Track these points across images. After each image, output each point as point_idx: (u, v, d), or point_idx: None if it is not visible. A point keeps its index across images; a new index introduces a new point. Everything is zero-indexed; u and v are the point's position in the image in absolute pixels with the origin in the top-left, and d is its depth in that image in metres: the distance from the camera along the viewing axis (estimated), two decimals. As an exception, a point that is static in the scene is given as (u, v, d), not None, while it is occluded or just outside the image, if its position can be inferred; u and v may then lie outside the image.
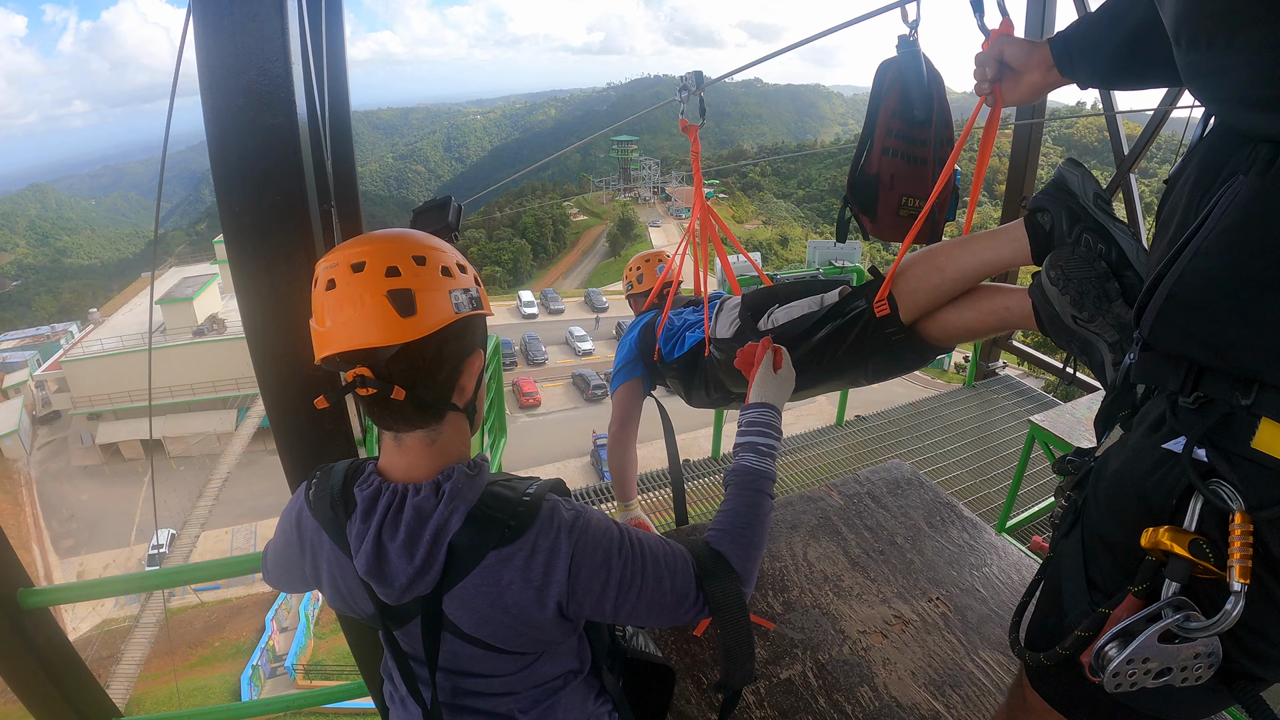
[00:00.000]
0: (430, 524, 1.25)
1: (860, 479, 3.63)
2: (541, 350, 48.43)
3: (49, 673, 2.43)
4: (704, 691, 2.42)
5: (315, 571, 1.43)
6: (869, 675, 2.49)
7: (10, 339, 60.56)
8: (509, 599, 1.28)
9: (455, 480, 1.29)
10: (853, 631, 2.69)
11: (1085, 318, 1.73)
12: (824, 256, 5.86)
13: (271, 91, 1.71)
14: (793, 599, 2.85)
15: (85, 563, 32.71)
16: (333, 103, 2.95)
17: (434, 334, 1.25)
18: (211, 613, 27.62)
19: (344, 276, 1.23)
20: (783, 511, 3.37)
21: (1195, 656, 1.11)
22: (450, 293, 1.28)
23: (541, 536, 1.29)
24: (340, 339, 1.23)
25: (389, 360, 1.23)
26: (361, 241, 1.28)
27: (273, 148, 1.76)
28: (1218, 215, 1.01)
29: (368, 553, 1.25)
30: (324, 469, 1.41)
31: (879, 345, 2.28)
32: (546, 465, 34.35)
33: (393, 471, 1.35)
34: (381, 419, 1.32)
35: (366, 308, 1.21)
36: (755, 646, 1.50)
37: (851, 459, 5.92)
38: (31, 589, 2.33)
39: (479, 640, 1.33)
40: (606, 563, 1.34)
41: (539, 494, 1.34)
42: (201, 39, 1.68)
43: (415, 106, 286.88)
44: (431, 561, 1.25)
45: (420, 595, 1.28)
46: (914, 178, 2.60)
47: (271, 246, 1.85)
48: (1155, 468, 1.14)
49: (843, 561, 3.06)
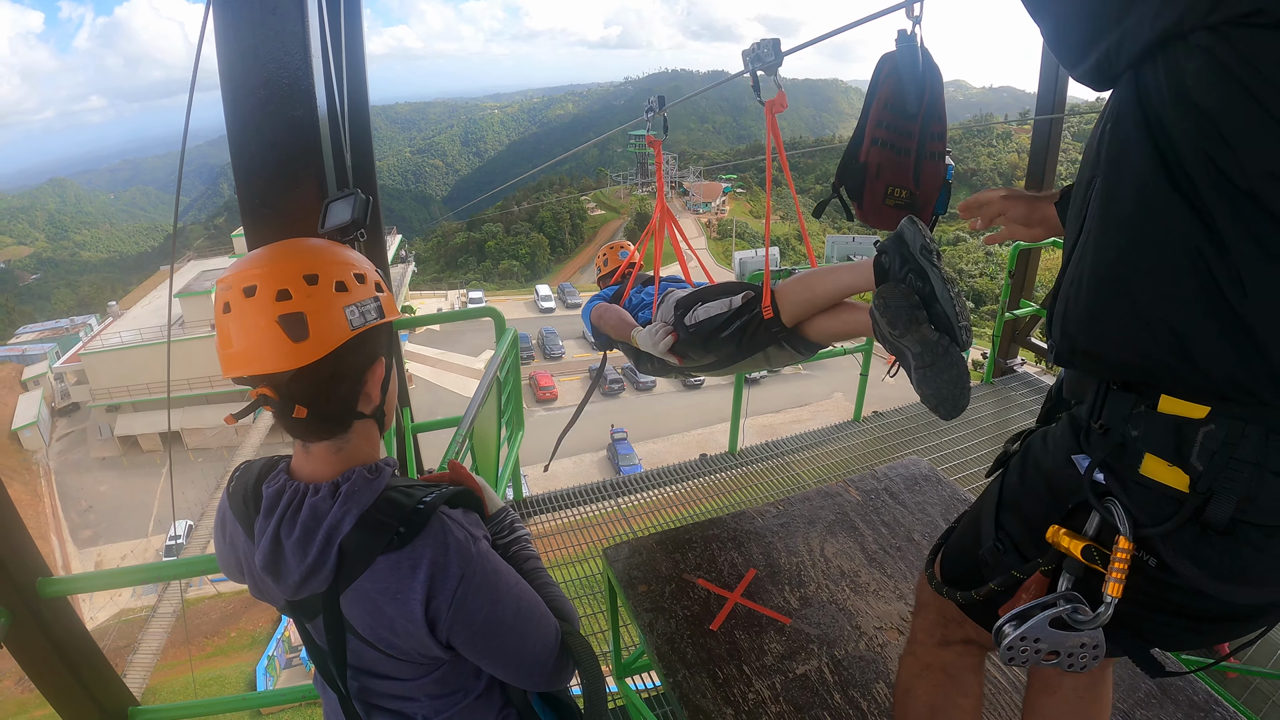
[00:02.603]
0: (324, 524, 1.27)
1: (878, 475, 3.61)
2: (558, 344, 48.59)
3: (67, 662, 2.45)
4: (719, 685, 2.42)
5: (236, 561, 1.45)
6: (885, 672, 2.48)
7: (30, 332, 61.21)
8: (390, 607, 1.29)
9: (353, 483, 1.31)
10: (869, 628, 2.68)
11: (898, 334, 2.25)
12: (842, 251, 5.89)
13: (292, 83, 1.71)
14: (809, 594, 2.84)
15: (103, 553, 33.05)
16: (352, 96, 2.95)
17: (330, 353, 1.26)
18: (228, 603, 27.81)
19: (237, 301, 1.24)
20: (800, 507, 3.36)
21: (1081, 646, 1.31)
22: (345, 309, 1.29)
23: (428, 549, 1.29)
24: (240, 364, 1.25)
25: (288, 381, 1.25)
26: (256, 261, 1.28)
27: (294, 139, 1.76)
28: (1089, 223, 1.16)
29: (265, 548, 1.29)
30: (245, 464, 1.44)
31: (769, 339, 2.99)
32: (563, 459, 34.43)
33: (300, 473, 1.37)
34: (290, 430, 1.34)
35: (259, 333, 1.22)
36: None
37: (869, 455, 5.89)
38: (50, 578, 2.35)
39: (374, 644, 1.35)
40: (494, 596, 1.36)
41: (433, 505, 1.34)
42: (221, 31, 1.68)
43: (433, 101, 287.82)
44: (323, 561, 1.27)
45: (316, 593, 1.31)
46: (899, 169, 2.74)
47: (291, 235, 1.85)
48: (1065, 467, 1.31)
49: (860, 557, 3.05)
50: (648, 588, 2.87)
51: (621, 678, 3.50)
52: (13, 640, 2.30)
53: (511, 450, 4.72)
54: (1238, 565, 1.12)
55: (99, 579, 2.72)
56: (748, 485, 5.51)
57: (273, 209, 1.84)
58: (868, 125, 2.74)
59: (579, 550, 4.87)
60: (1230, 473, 1.07)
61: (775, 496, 4.88)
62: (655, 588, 2.87)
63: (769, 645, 2.59)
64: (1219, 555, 1.12)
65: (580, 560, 4.83)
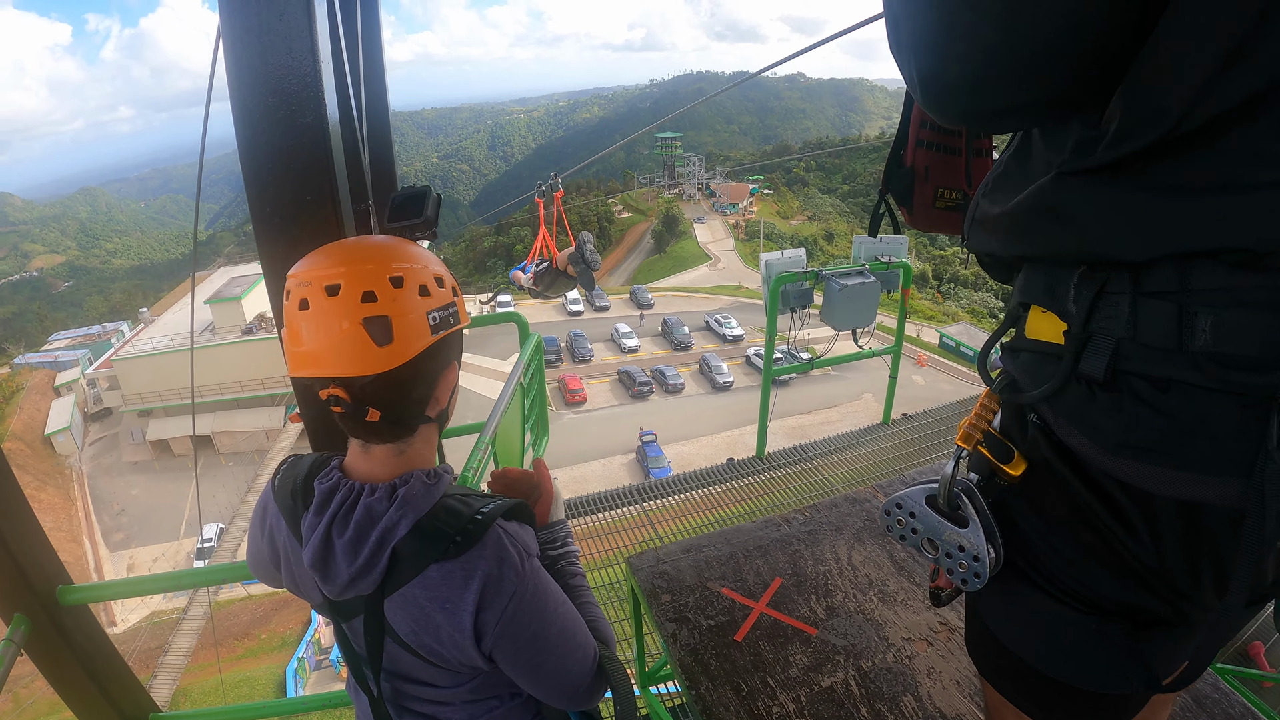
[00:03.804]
0: (379, 526, 1.24)
1: (907, 480, 3.55)
2: (587, 347, 48.73)
3: (87, 669, 2.46)
4: (743, 698, 2.37)
5: (274, 555, 1.43)
6: (913, 684, 2.42)
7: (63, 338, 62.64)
8: (440, 616, 1.26)
9: (411, 487, 1.28)
10: (897, 639, 2.61)
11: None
12: (870, 252, 5.74)
13: (300, 91, 1.70)
14: (836, 604, 2.78)
15: (135, 556, 33.63)
16: (370, 102, 2.95)
17: (411, 359, 1.24)
18: (258, 605, 28.13)
19: (317, 299, 1.20)
20: (828, 514, 3.30)
21: (961, 550, 1.17)
22: (428, 314, 1.26)
23: (484, 562, 1.27)
24: (314, 363, 1.22)
25: (365, 385, 1.22)
26: (336, 259, 1.24)
27: (304, 147, 1.75)
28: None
29: (315, 546, 1.25)
30: (293, 459, 1.41)
31: (558, 275, 5.78)
32: (592, 462, 34.55)
33: (355, 471, 1.34)
34: (353, 430, 1.31)
35: (341, 335, 1.19)
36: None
37: (898, 458, 5.81)
38: (71, 586, 2.36)
39: (414, 650, 1.31)
40: (542, 615, 1.33)
41: (490, 516, 1.31)
42: (229, 40, 1.67)
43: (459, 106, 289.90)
44: (374, 563, 1.24)
45: (362, 594, 1.28)
46: (948, 169, 2.59)
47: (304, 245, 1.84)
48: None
49: (888, 565, 2.99)
50: (671, 597, 2.82)
51: (646, 686, 3.47)
52: (33, 647, 2.30)
53: (536, 454, 4.70)
54: (1124, 425, 0.96)
55: (118, 588, 2.74)
56: (775, 489, 5.45)
57: (283, 216, 1.84)
58: (911, 126, 2.64)
59: (604, 556, 4.83)
60: (1104, 309, 0.96)
61: (803, 501, 4.83)
62: (679, 597, 2.82)
63: (794, 657, 2.54)
64: (1104, 415, 0.98)
65: (605, 566, 4.80)
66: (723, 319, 52.80)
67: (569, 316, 57.25)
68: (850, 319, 5.57)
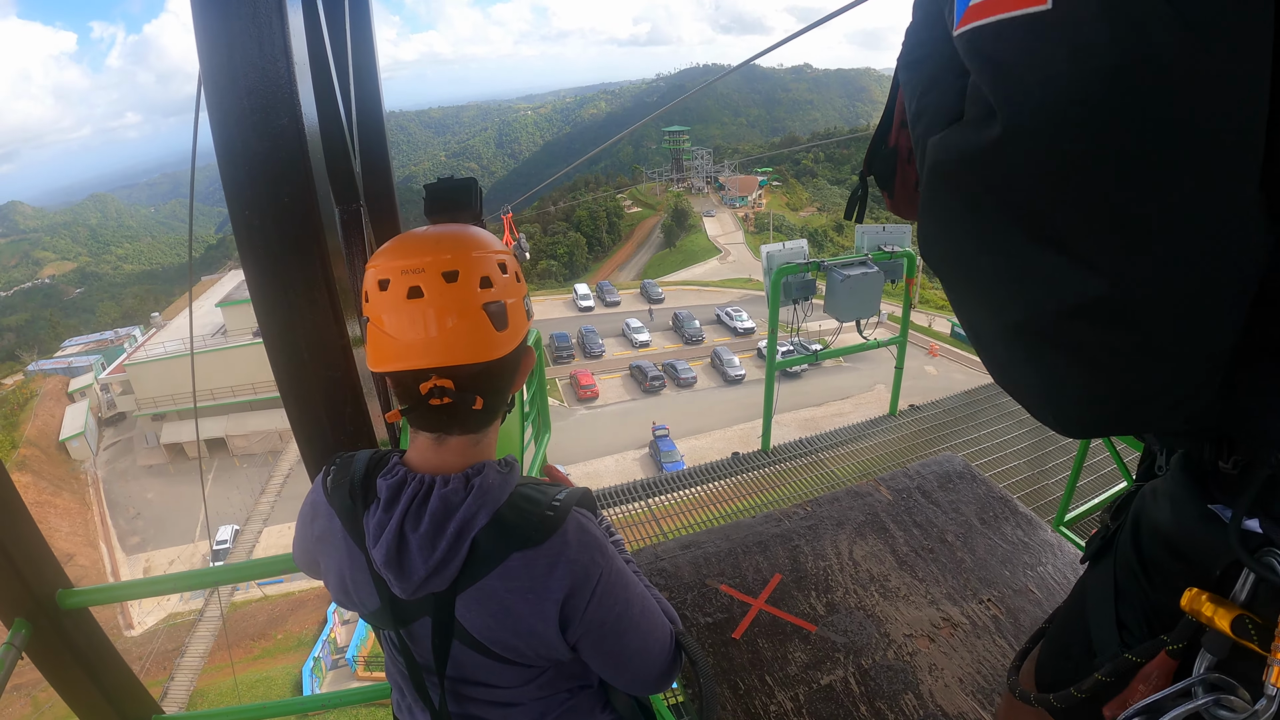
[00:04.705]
0: (456, 517, 1.19)
1: (910, 473, 3.51)
2: (599, 343, 48.74)
3: (89, 672, 2.46)
4: (740, 697, 2.34)
5: (314, 562, 1.40)
6: (914, 682, 2.39)
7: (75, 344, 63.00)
8: (522, 605, 1.22)
9: (486, 476, 1.24)
10: (898, 635, 2.58)
11: None
12: (873, 242, 5.69)
13: (274, 92, 1.68)
14: (836, 600, 2.75)
15: (151, 559, 33.84)
16: (362, 102, 2.93)
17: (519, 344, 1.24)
18: (274, 605, 28.28)
19: (435, 286, 1.16)
20: (829, 508, 3.27)
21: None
22: (523, 299, 1.27)
23: (568, 548, 1.23)
24: (425, 354, 1.18)
25: (478, 373, 1.20)
26: (444, 245, 1.21)
27: (280, 148, 1.74)
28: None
29: (388, 543, 1.20)
30: (344, 457, 1.35)
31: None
32: (605, 457, 34.56)
33: (423, 465, 1.28)
34: (437, 423, 1.26)
35: (464, 322, 1.17)
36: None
37: (905, 450, 5.76)
38: (70, 590, 2.35)
39: (485, 648, 1.27)
40: (626, 596, 1.30)
41: (567, 502, 1.28)
42: (201, 40, 1.66)
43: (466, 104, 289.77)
44: (453, 555, 1.19)
45: (434, 592, 1.23)
46: None
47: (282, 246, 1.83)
48: (1199, 526, 0.97)
49: (890, 560, 2.95)
50: (669, 595, 2.80)
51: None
52: (35, 651, 2.30)
53: (539, 451, 4.67)
54: None
55: (118, 590, 2.73)
56: (780, 483, 5.41)
57: (261, 217, 1.84)
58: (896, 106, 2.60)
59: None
60: None
61: (808, 495, 4.79)
62: (676, 595, 2.80)
63: (793, 654, 2.51)
64: None
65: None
66: (733, 312, 52.74)
67: (580, 312, 57.28)
68: (854, 310, 5.51)
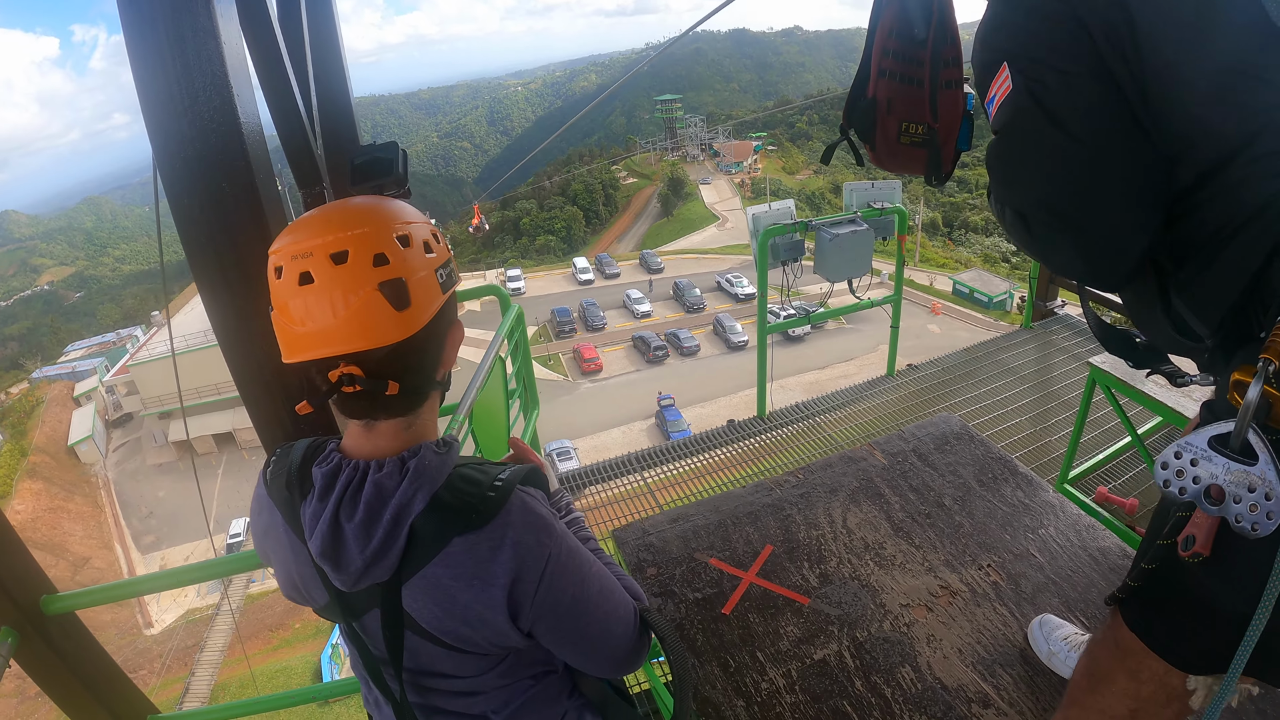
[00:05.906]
0: (392, 503, 1.13)
1: (905, 435, 3.43)
2: (600, 316, 48.82)
3: (79, 676, 2.44)
4: (730, 675, 2.28)
5: (268, 556, 1.34)
6: (911, 654, 2.32)
7: (79, 348, 63.29)
8: (467, 594, 1.16)
9: (422, 458, 1.17)
10: (894, 605, 2.52)
11: None
12: (862, 199, 5.58)
13: (200, 76, 1.65)
14: (830, 571, 2.69)
15: (166, 556, 34.18)
16: (325, 86, 2.89)
17: (430, 321, 1.15)
18: (291, 595, 28.62)
19: (323, 270, 1.08)
20: (821, 475, 3.20)
21: (1250, 489, 1.03)
22: (435, 271, 1.17)
23: (512, 529, 1.16)
24: (324, 342, 1.10)
25: (383, 356, 1.12)
26: (334, 223, 1.12)
27: (212, 133, 1.69)
28: None
29: (323, 533, 1.13)
30: (284, 447, 1.29)
31: None
32: (612, 430, 34.72)
33: (357, 451, 1.22)
34: (361, 410, 1.19)
35: (357, 305, 1.08)
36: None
37: (903, 411, 5.66)
38: (54, 595, 2.34)
39: (437, 639, 1.21)
40: (580, 576, 1.25)
41: (511, 481, 1.21)
42: (126, 29, 1.61)
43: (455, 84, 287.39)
44: (390, 543, 1.13)
45: (378, 582, 1.17)
46: (913, 102, 2.46)
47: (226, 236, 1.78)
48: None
49: (885, 527, 2.89)
50: (657, 570, 2.74)
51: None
52: (23, 658, 2.29)
53: (528, 427, 4.61)
54: None
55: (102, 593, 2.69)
56: (777, 450, 5.33)
57: (201, 207, 1.83)
58: (874, 55, 2.46)
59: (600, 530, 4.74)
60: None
61: (805, 461, 4.72)
62: (665, 570, 2.74)
63: (785, 628, 2.45)
64: None
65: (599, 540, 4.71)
66: (734, 278, 52.65)
67: (580, 286, 57.17)
68: (844, 269, 5.40)
